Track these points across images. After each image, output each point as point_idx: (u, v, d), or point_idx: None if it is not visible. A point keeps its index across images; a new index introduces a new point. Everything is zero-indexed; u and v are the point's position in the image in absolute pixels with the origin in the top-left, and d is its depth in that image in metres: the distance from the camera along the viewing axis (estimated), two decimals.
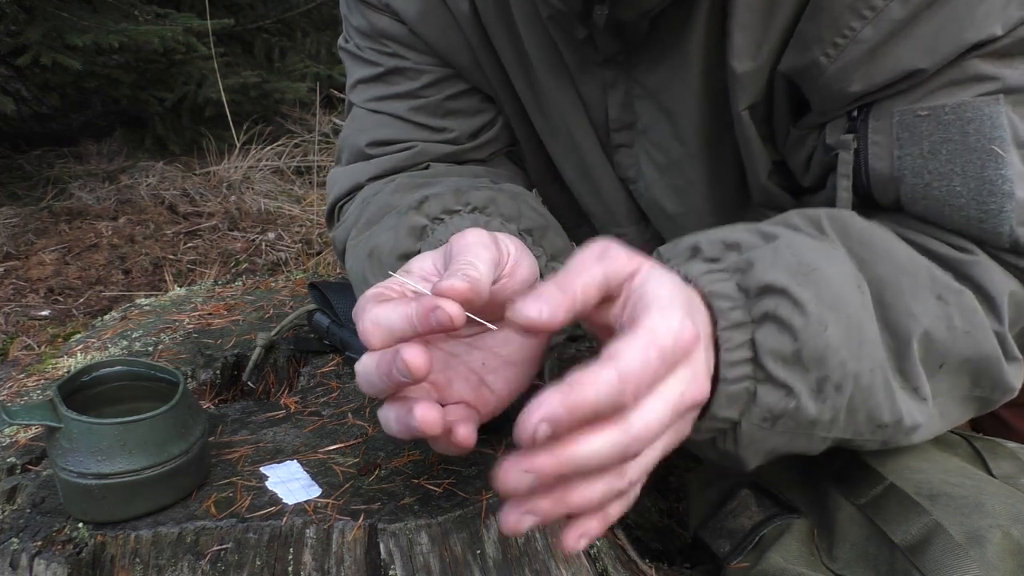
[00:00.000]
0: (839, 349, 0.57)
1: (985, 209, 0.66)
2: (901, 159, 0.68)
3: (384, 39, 0.95)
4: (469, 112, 0.97)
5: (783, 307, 0.56)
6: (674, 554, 1.00)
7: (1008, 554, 0.62)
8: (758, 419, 0.58)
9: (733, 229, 0.64)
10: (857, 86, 0.68)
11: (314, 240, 2.48)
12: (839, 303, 0.58)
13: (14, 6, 2.51)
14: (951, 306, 0.64)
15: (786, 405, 0.57)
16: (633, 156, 0.90)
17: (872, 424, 0.61)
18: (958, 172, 0.66)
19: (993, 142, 0.65)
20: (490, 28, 0.89)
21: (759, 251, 0.60)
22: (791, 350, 0.56)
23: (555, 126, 0.94)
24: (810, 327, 0.56)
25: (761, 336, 0.56)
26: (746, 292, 0.58)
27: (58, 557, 0.61)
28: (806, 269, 0.58)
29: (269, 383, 0.97)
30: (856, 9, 0.65)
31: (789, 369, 0.56)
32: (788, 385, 0.57)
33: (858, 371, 0.58)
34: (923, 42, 0.65)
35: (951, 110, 0.66)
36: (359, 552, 0.62)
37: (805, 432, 0.60)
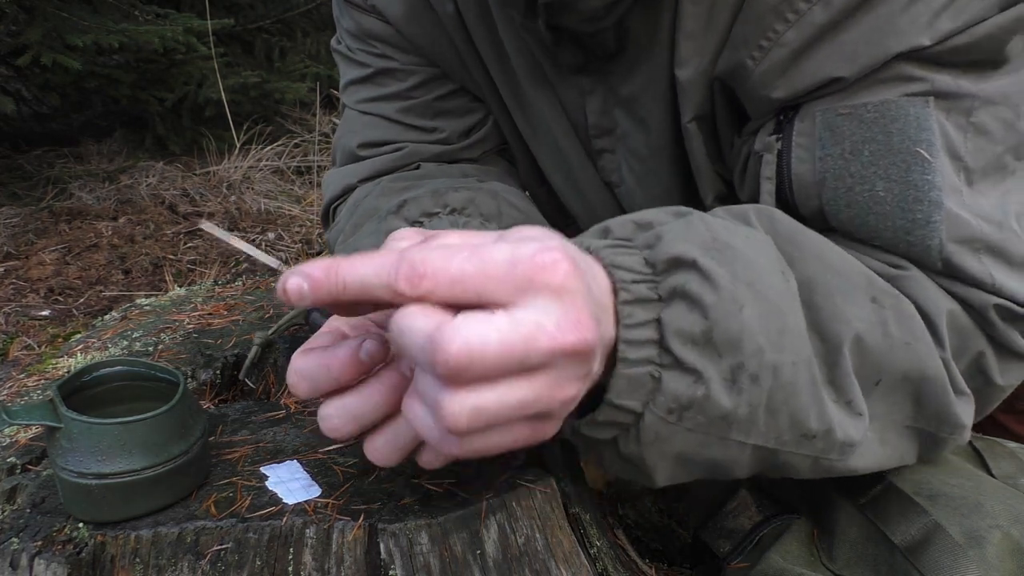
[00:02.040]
0: (756, 334, 0.51)
1: (911, 218, 0.61)
2: (823, 160, 0.65)
3: (372, 40, 0.95)
4: (459, 112, 0.97)
5: (693, 282, 0.50)
6: (674, 554, 1.01)
7: (1008, 554, 0.62)
8: (663, 410, 0.51)
9: (645, 212, 0.59)
10: (780, 92, 0.66)
11: (314, 240, 2.48)
12: (757, 284, 0.52)
13: (14, 6, 2.51)
14: (887, 310, 0.58)
15: (694, 393, 0.50)
16: (615, 161, 0.90)
17: (797, 431, 0.54)
18: (881, 175, 0.62)
19: (919, 144, 0.61)
20: (472, 30, 0.89)
21: (668, 226, 0.54)
22: (701, 329, 0.50)
23: (538, 129, 0.93)
24: (723, 304, 0.50)
25: (668, 315, 0.50)
26: (653, 267, 0.52)
27: (58, 557, 0.61)
28: (720, 245, 0.52)
29: (269, 383, 0.97)
30: (780, 12, 0.64)
31: (699, 352, 0.50)
32: (697, 370, 0.50)
33: (778, 363, 0.52)
34: (845, 48, 0.62)
35: (874, 108, 0.63)
36: (359, 552, 0.62)
37: (718, 431, 0.52)
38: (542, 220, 0.87)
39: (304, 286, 0.45)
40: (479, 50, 0.91)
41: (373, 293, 0.44)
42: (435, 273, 0.42)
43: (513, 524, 0.66)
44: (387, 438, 0.56)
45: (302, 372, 0.54)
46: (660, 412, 0.51)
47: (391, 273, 0.43)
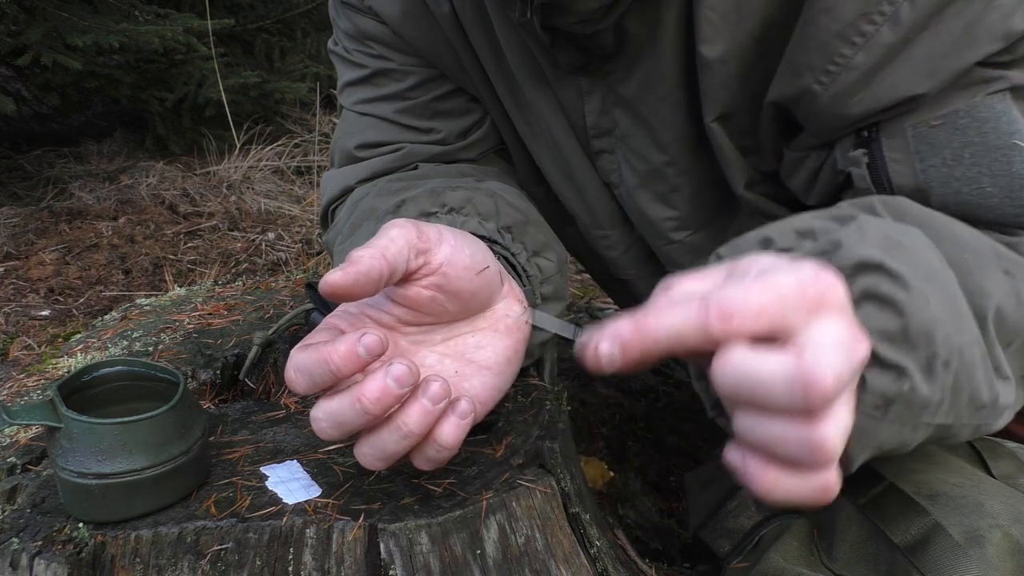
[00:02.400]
0: (944, 323, 0.53)
1: (1019, 204, 0.64)
2: (925, 172, 0.67)
3: (369, 41, 0.95)
4: (457, 113, 0.97)
5: (882, 283, 0.51)
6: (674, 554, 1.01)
7: (1008, 554, 0.62)
8: (870, 408, 0.52)
9: (800, 218, 0.60)
10: (857, 110, 0.67)
11: (314, 240, 2.48)
12: (934, 275, 0.54)
13: (14, 6, 2.50)
14: (1019, 280, 0.61)
15: (899, 388, 0.52)
16: (615, 161, 0.90)
17: (973, 405, 0.57)
18: (986, 173, 0.65)
19: (1013, 136, 0.64)
20: (469, 30, 0.89)
21: (841, 231, 0.55)
22: (897, 327, 0.51)
23: (537, 129, 0.93)
24: (913, 301, 0.51)
25: (862, 317, 0.51)
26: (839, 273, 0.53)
27: (58, 557, 0.61)
28: (895, 243, 0.54)
29: (269, 383, 0.97)
30: (845, 36, 0.64)
31: (897, 348, 0.51)
32: (900, 366, 0.51)
33: (962, 345, 0.54)
34: (921, 65, 0.63)
35: (965, 113, 0.65)
36: (359, 552, 0.62)
37: (915, 418, 0.54)
38: (540, 219, 0.87)
39: (615, 352, 0.45)
40: (476, 50, 0.90)
41: (685, 343, 0.44)
42: (741, 310, 0.43)
43: (513, 524, 0.66)
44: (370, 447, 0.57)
45: (300, 367, 0.55)
46: (867, 410, 0.52)
47: (702, 317, 0.44)
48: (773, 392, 0.42)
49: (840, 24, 0.64)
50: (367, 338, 0.53)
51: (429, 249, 0.61)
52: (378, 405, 0.54)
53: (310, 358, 0.54)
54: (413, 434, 0.56)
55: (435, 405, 0.57)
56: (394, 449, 0.57)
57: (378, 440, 0.57)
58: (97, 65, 2.79)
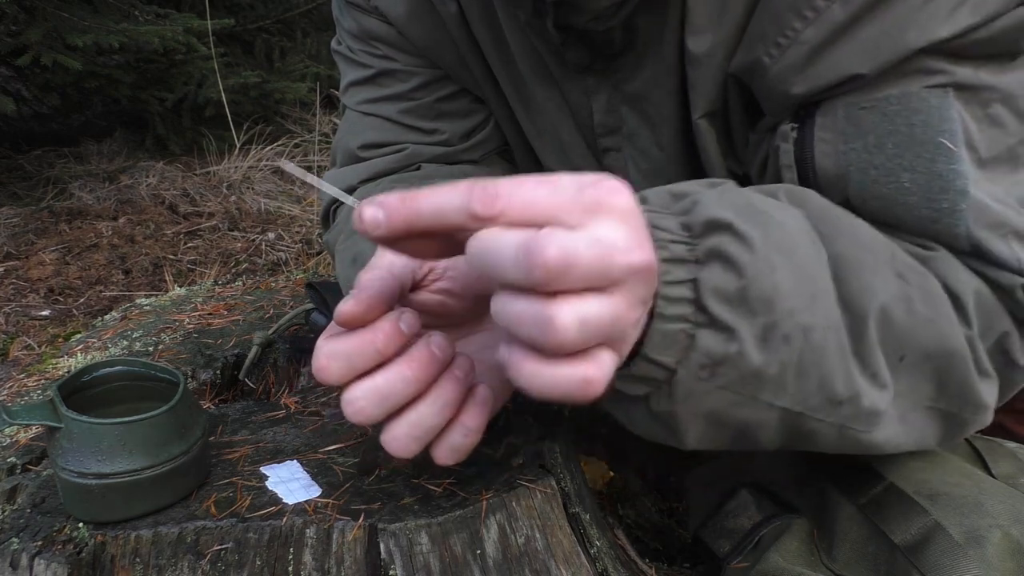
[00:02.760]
0: (788, 296, 0.52)
1: (937, 208, 0.62)
2: (846, 154, 0.65)
3: (374, 41, 0.95)
4: (461, 114, 0.97)
5: (729, 244, 0.51)
6: (674, 554, 1.01)
7: (1008, 554, 0.62)
8: (696, 366, 0.51)
9: (681, 183, 0.60)
10: (799, 88, 0.66)
11: (314, 240, 2.48)
12: (790, 248, 0.53)
13: (14, 6, 2.51)
14: (912, 287, 0.59)
15: (727, 349, 0.51)
16: (621, 160, 0.90)
17: (824, 394, 0.55)
18: (906, 167, 0.63)
19: (942, 135, 0.61)
20: (476, 30, 0.89)
21: (704, 193, 0.56)
22: (735, 287, 0.51)
23: (543, 128, 0.93)
24: (757, 263, 0.51)
25: (705, 275, 0.51)
26: (690, 230, 0.53)
27: (58, 557, 0.61)
28: (754, 211, 0.54)
29: (269, 383, 0.97)
30: (798, 9, 0.63)
31: (733, 310, 0.51)
32: (731, 327, 0.51)
33: (809, 324, 0.53)
34: (864, 45, 0.62)
35: (896, 100, 0.63)
36: (359, 552, 0.62)
37: (749, 389, 0.53)
38: None
39: (379, 215, 0.46)
40: (482, 50, 0.90)
41: (447, 218, 0.45)
42: (508, 195, 0.43)
43: (513, 524, 0.66)
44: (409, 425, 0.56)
45: (335, 353, 0.54)
46: (693, 368, 0.52)
47: (466, 197, 0.44)
48: (504, 262, 0.42)
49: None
50: (407, 315, 0.54)
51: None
52: (427, 371, 0.54)
53: (348, 342, 0.54)
54: (451, 402, 0.56)
55: (466, 376, 0.57)
56: (432, 422, 0.56)
57: (416, 415, 0.56)
58: (97, 65, 2.79)
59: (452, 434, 0.58)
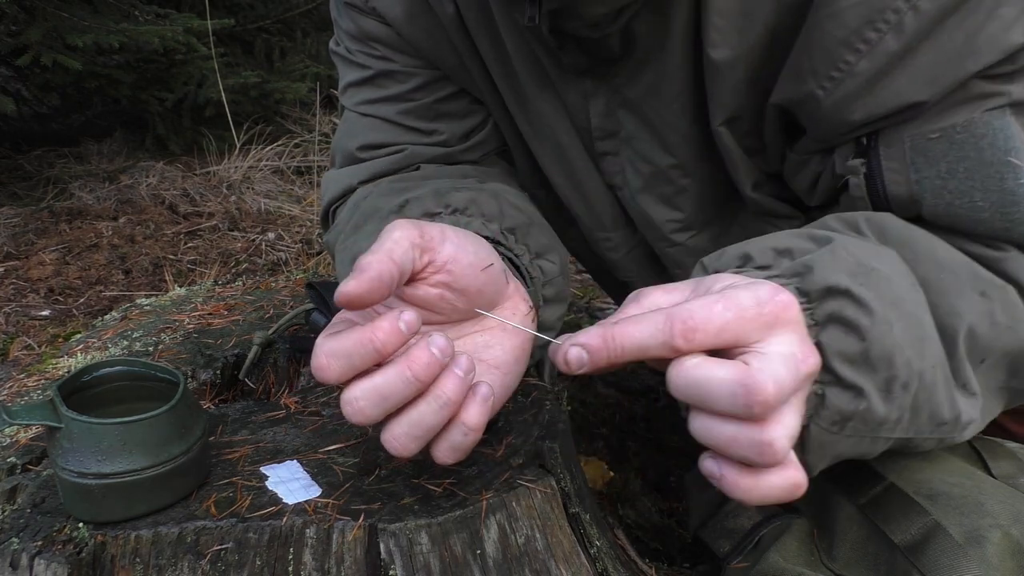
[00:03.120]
0: (904, 348, 0.56)
1: (1010, 219, 0.66)
2: (919, 183, 0.68)
3: (372, 42, 0.95)
4: (459, 114, 0.97)
5: (848, 308, 0.55)
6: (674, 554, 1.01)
7: (1008, 554, 0.62)
8: (827, 423, 0.56)
9: (779, 236, 0.64)
10: (858, 116, 0.68)
11: (314, 240, 2.48)
12: (900, 301, 0.58)
13: (14, 6, 2.50)
14: (994, 302, 0.64)
15: (856, 407, 0.55)
16: (619, 164, 0.90)
17: (933, 423, 0.61)
18: (978, 188, 0.66)
19: (1008, 153, 0.65)
20: (473, 32, 0.89)
21: (815, 255, 0.59)
22: (859, 350, 0.55)
23: (540, 131, 0.93)
24: (876, 327, 0.55)
25: (827, 338, 0.55)
26: (807, 296, 0.56)
27: (58, 557, 0.61)
28: (865, 269, 0.57)
29: (269, 383, 0.97)
30: (849, 43, 0.65)
31: (857, 370, 0.55)
32: (858, 386, 0.55)
33: (922, 369, 0.58)
34: (923, 74, 0.64)
35: (962, 128, 0.66)
36: (359, 552, 0.62)
37: (872, 433, 0.58)
38: (543, 221, 0.87)
39: (584, 356, 0.51)
40: (480, 52, 0.90)
41: (649, 353, 0.50)
42: (704, 328, 0.48)
43: (513, 524, 0.66)
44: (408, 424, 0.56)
45: (335, 352, 0.54)
46: (824, 425, 0.56)
47: (667, 332, 0.49)
48: (719, 397, 0.47)
49: (845, 31, 0.64)
50: (407, 314, 0.54)
51: (433, 248, 0.61)
52: (427, 372, 0.55)
53: (347, 341, 0.54)
54: (451, 402, 0.57)
55: (466, 375, 0.57)
56: (432, 421, 0.57)
57: (416, 414, 0.57)
58: (97, 65, 2.79)
59: (452, 433, 0.58)
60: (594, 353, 0.51)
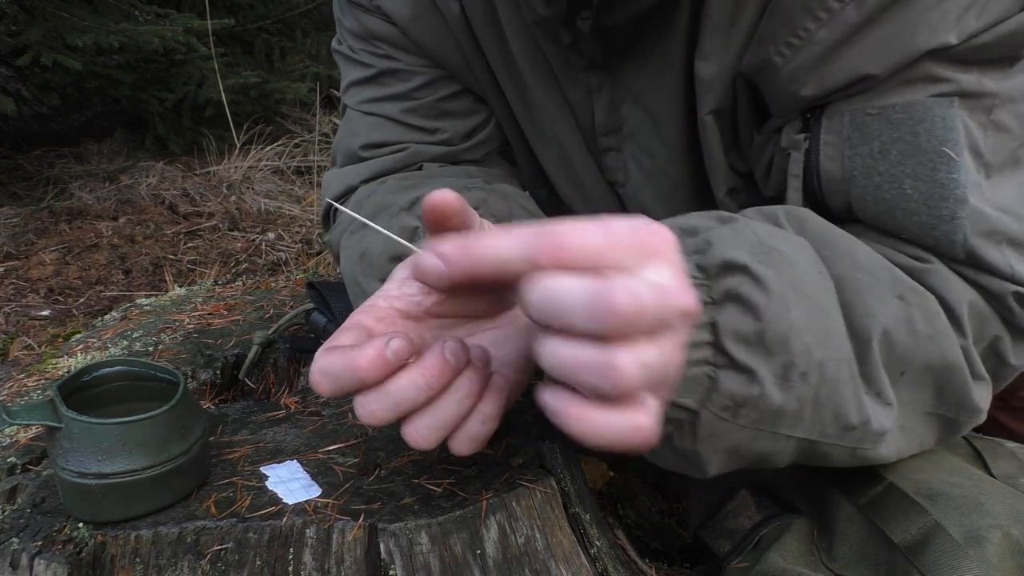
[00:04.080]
0: (803, 333, 0.54)
1: (937, 215, 0.63)
2: (851, 159, 0.66)
3: (376, 41, 0.95)
4: (463, 113, 0.97)
5: (744, 285, 0.53)
6: (674, 554, 1.00)
7: (1008, 554, 0.62)
8: (718, 407, 0.54)
9: (688, 216, 0.61)
10: (809, 89, 0.66)
11: (314, 240, 2.48)
12: (803, 286, 0.55)
13: (14, 6, 2.50)
14: (913, 307, 0.61)
15: (749, 391, 0.53)
16: (621, 160, 0.90)
17: (839, 424, 0.58)
18: (908, 174, 0.64)
19: (945, 144, 0.62)
20: (478, 31, 0.89)
21: (716, 231, 0.57)
22: (753, 330, 0.52)
23: (543, 130, 0.93)
24: (773, 306, 0.53)
25: (722, 317, 0.53)
26: (706, 271, 0.54)
27: (58, 557, 0.61)
28: (767, 248, 0.55)
29: (269, 383, 0.97)
30: (811, 10, 0.64)
31: (752, 352, 0.53)
32: (751, 369, 0.53)
33: (824, 360, 0.55)
34: (876, 46, 0.63)
35: (901, 108, 0.64)
36: (359, 552, 0.62)
37: (769, 426, 0.56)
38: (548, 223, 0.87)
39: (440, 265, 0.46)
40: (484, 51, 0.91)
41: (508, 268, 0.44)
42: (571, 245, 0.43)
43: (513, 524, 0.66)
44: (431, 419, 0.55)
45: (325, 371, 0.53)
46: (715, 410, 0.54)
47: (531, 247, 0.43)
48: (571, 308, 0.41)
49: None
50: (395, 343, 0.52)
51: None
52: (440, 380, 0.54)
53: (337, 362, 0.53)
54: (472, 393, 0.56)
55: (485, 367, 0.57)
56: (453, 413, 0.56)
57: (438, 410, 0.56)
58: (97, 65, 2.79)
59: (471, 423, 0.57)
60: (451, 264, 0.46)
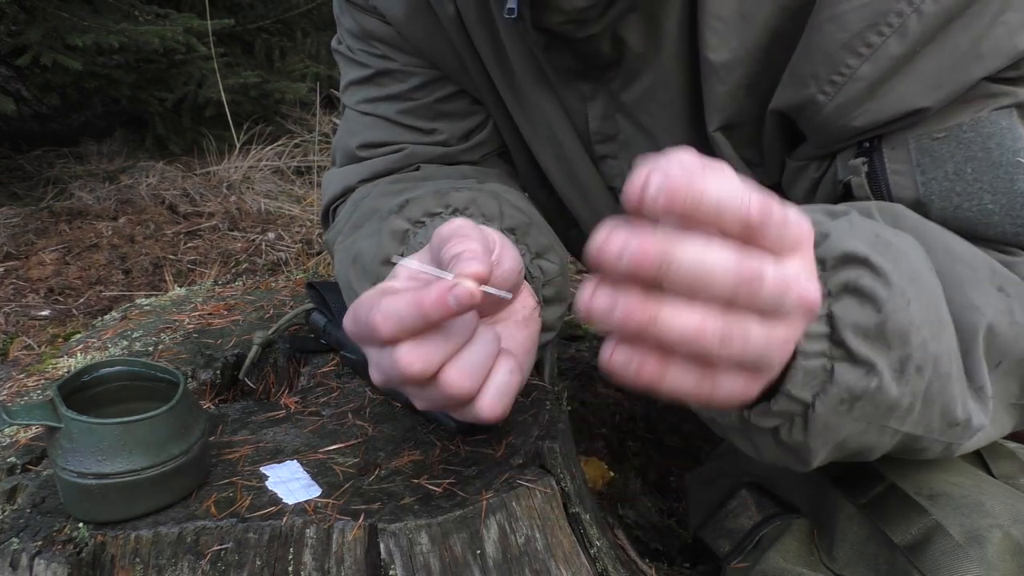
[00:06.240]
0: (922, 327, 0.53)
1: (1021, 223, 0.64)
2: (926, 184, 0.66)
3: (373, 40, 0.95)
4: (460, 114, 0.97)
5: (865, 277, 0.52)
6: (674, 554, 1.00)
7: (1008, 554, 0.62)
8: (835, 401, 0.52)
9: (801, 207, 0.59)
10: (860, 121, 0.67)
11: (314, 240, 2.48)
12: (919, 279, 0.54)
13: (14, 6, 2.50)
14: (1013, 299, 0.61)
15: (867, 384, 0.52)
16: (619, 167, 0.90)
17: (945, 420, 0.57)
18: (987, 189, 0.64)
19: (1018, 154, 0.63)
20: (473, 32, 0.89)
21: (832, 223, 0.55)
22: (874, 323, 0.51)
23: (540, 132, 0.93)
24: (894, 299, 0.51)
25: (840, 309, 0.51)
26: (822, 263, 0.53)
27: (58, 557, 0.61)
28: (884, 241, 0.54)
29: (269, 383, 0.97)
30: (852, 47, 0.64)
31: (871, 345, 0.51)
32: (870, 362, 0.51)
33: (938, 353, 0.54)
34: (927, 79, 0.63)
35: (969, 127, 0.64)
36: (359, 552, 0.62)
37: (882, 419, 0.54)
38: (543, 221, 0.87)
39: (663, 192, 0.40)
40: (479, 52, 0.90)
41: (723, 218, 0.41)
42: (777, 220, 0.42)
43: (513, 524, 0.66)
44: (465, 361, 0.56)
45: (388, 312, 0.53)
46: (831, 403, 0.52)
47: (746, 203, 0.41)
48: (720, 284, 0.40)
49: (847, 34, 0.64)
50: (459, 290, 0.52)
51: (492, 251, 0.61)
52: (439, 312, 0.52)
53: (401, 302, 0.53)
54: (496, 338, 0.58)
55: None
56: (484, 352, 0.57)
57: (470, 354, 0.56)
58: (97, 65, 2.79)
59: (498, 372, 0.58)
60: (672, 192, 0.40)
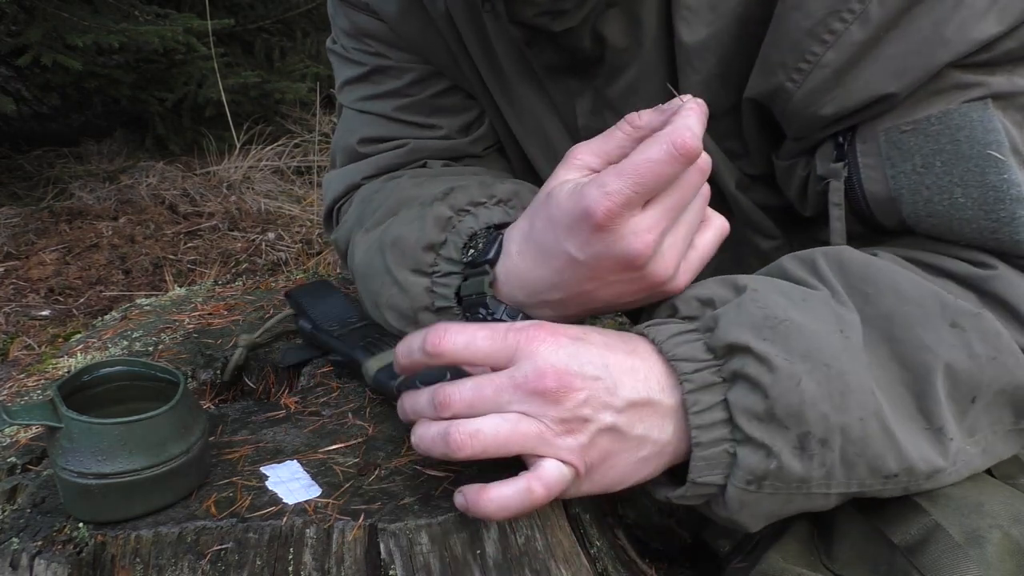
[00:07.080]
0: (818, 402, 0.55)
1: (996, 218, 0.62)
2: (895, 178, 0.66)
3: (367, 38, 0.95)
4: (456, 109, 0.97)
5: (750, 365, 0.55)
6: (674, 554, 1.00)
7: (1008, 554, 0.62)
8: (742, 482, 0.56)
9: (706, 284, 0.63)
10: (828, 109, 0.66)
11: (314, 240, 2.48)
12: (814, 353, 0.56)
13: (14, 6, 2.50)
14: (968, 332, 0.59)
15: (767, 465, 0.55)
16: None
17: (877, 475, 0.58)
18: (957, 183, 0.63)
19: (989, 146, 0.62)
20: (462, 28, 0.89)
21: (722, 309, 0.59)
22: (763, 408, 0.54)
23: (530, 128, 0.93)
24: (780, 383, 0.54)
25: (733, 396, 0.55)
26: (714, 352, 0.57)
27: (58, 557, 0.61)
28: (773, 322, 0.56)
29: (269, 383, 0.97)
30: (816, 34, 0.64)
31: (765, 428, 0.54)
32: (766, 445, 0.55)
33: (845, 423, 0.56)
34: (891, 64, 0.63)
35: (937, 119, 0.63)
36: (359, 552, 0.62)
37: (797, 491, 0.57)
38: None
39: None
40: (468, 48, 0.90)
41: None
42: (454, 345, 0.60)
43: (513, 524, 0.66)
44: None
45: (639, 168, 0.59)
46: (740, 484, 0.56)
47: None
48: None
49: (810, 21, 0.64)
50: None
51: None
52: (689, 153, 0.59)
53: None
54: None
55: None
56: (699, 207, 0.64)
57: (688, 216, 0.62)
58: (97, 65, 2.79)
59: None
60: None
